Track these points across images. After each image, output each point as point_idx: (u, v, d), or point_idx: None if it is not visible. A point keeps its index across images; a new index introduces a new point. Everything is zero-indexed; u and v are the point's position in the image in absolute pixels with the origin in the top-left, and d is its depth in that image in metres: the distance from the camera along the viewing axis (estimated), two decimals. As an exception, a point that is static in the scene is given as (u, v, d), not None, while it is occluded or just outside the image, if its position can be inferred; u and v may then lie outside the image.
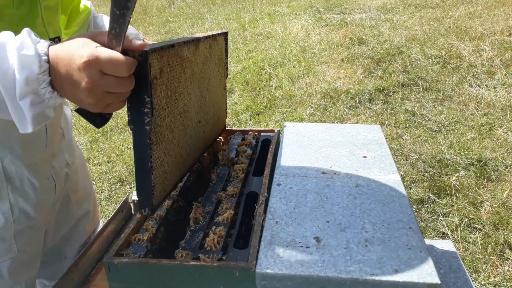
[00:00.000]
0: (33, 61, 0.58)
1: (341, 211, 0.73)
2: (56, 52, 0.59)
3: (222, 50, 1.05)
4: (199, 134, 0.90)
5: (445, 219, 2.18)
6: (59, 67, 0.59)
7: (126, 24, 0.57)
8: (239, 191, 0.90)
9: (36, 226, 0.88)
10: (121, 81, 0.59)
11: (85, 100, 0.60)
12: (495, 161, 2.62)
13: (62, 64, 0.59)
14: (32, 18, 0.79)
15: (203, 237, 0.76)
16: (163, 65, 0.67)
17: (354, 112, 3.44)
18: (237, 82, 4.25)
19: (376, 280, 0.58)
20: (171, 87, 0.71)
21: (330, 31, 5.61)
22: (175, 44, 0.72)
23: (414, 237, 0.66)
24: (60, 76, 0.59)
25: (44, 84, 0.59)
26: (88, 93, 0.58)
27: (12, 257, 0.83)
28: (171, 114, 0.72)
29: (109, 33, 0.59)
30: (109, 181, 2.82)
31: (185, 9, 8.36)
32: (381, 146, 0.98)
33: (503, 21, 5.19)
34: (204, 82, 0.91)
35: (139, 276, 0.68)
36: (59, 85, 0.60)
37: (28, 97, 0.58)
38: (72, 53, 0.58)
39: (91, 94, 0.58)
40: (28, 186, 0.85)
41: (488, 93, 3.52)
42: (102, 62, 0.57)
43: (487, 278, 1.83)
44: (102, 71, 0.57)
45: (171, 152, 0.74)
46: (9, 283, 0.83)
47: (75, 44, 0.59)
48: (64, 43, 0.60)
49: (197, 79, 0.85)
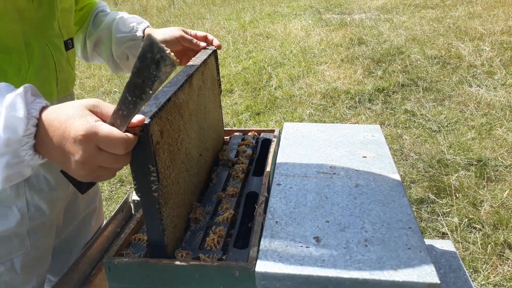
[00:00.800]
0: (20, 124, 0.55)
1: (341, 211, 0.73)
2: (50, 118, 0.57)
3: (214, 70, 1.04)
4: (201, 166, 0.90)
5: (445, 219, 2.18)
6: (51, 134, 0.56)
7: (135, 111, 0.56)
8: (239, 191, 0.90)
9: (48, 222, 0.89)
10: (117, 158, 0.56)
11: (76, 171, 0.57)
12: (495, 161, 2.62)
13: (56, 133, 0.56)
14: (50, 20, 0.80)
15: (203, 237, 0.76)
16: (163, 126, 0.66)
17: (354, 112, 3.44)
18: (237, 82, 4.25)
19: (375, 280, 0.58)
20: (172, 142, 0.71)
21: (330, 31, 5.61)
22: (171, 97, 0.71)
23: (414, 237, 0.66)
24: (50, 143, 0.57)
25: (26, 146, 0.56)
26: (81, 166, 0.56)
27: (24, 253, 0.84)
28: (175, 167, 0.72)
29: (116, 112, 0.56)
30: (109, 181, 2.82)
31: (185, 9, 8.36)
32: (381, 146, 0.98)
33: (503, 21, 5.20)
34: (201, 112, 0.90)
35: (139, 276, 0.69)
36: (46, 149, 0.58)
37: (5, 157, 0.55)
38: (69, 124, 0.55)
39: (84, 167, 0.56)
40: (44, 183, 0.86)
41: (488, 93, 3.52)
42: (100, 138, 0.54)
43: (486, 278, 1.83)
44: (99, 146, 0.55)
45: (179, 203, 0.75)
46: (22, 278, 0.84)
47: (71, 112, 0.56)
48: (59, 110, 0.57)
49: (195, 114, 0.85)
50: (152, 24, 6.34)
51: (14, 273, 0.82)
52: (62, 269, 0.96)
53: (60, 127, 0.56)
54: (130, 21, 1.05)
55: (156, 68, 0.51)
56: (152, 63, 0.51)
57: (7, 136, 0.54)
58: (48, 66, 0.81)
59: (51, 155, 0.58)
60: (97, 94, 4.40)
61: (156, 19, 7.61)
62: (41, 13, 0.78)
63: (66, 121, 0.55)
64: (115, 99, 4.21)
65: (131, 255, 0.72)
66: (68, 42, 0.87)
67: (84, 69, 5.21)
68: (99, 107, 0.58)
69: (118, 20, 1.05)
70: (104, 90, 4.48)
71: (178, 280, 0.68)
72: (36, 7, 0.76)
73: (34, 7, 0.76)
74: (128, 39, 1.04)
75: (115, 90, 4.42)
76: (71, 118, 0.55)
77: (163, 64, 0.51)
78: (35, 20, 0.76)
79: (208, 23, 6.85)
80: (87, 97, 4.33)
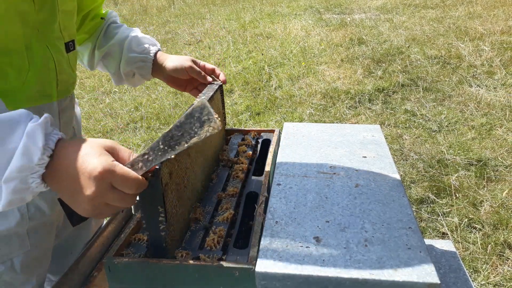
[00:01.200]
0: (36, 153, 0.57)
1: (341, 211, 0.73)
2: (67, 152, 0.59)
3: (219, 105, 1.08)
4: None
5: (445, 219, 2.18)
6: (65, 166, 0.59)
7: (162, 160, 0.58)
8: (239, 191, 0.90)
9: (48, 222, 0.90)
10: (125, 197, 0.59)
11: (81, 205, 0.59)
12: (495, 161, 2.62)
13: (71, 166, 0.58)
14: (51, 22, 0.80)
15: (203, 237, 0.76)
16: (171, 167, 0.69)
17: (354, 112, 3.44)
18: (237, 82, 4.25)
19: (375, 280, 0.58)
20: (180, 181, 0.74)
21: (330, 31, 5.61)
22: None
23: (414, 237, 0.66)
24: (61, 174, 0.59)
25: (36, 174, 0.58)
26: (88, 201, 0.58)
27: (24, 252, 0.84)
28: (182, 205, 0.75)
29: (141, 155, 0.59)
30: (109, 181, 2.82)
31: (185, 9, 8.36)
32: (381, 146, 0.98)
33: (503, 21, 5.20)
34: (205, 145, 0.94)
35: (139, 276, 0.69)
36: (54, 180, 0.60)
37: (14, 182, 0.57)
38: (86, 160, 0.58)
39: (91, 202, 0.58)
40: None
41: (488, 93, 3.52)
42: (116, 176, 0.57)
43: (486, 278, 1.83)
44: (112, 184, 0.58)
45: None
46: (22, 278, 0.84)
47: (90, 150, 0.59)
48: (77, 145, 0.60)
49: (200, 150, 0.88)
50: (152, 24, 6.29)
51: (14, 272, 0.83)
52: (62, 269, 0.96)
53: (77, 161, 0.58)
54: (143, 41, 1.07)
55: (199, 127, 0.56)
56: (197, 121, 0.56)
57: (22, 163, 0.56)
58: (49, 68, 0.81)
59: (59, 185, 0.60)
60: (97, 94, 4.40)
61: (156, 19, 7.61)
62: (42, 16, 0.77)
63: (84, 157, 0.58)
64: (115, 99, 4.21)
65: (131, 255, 0.72)
66: (69, 44, 0.87)
67: (84, 69, 5.20)
68: (116, 150, 0.62)
69: (131, 39, 1.07)
70: (104, 90, 4.48)
71: (178, 280, 0.68)
72: (38, 10, 0.76)
73: (36, 9, 0.75)
74: (139, 59, 1.06)
75: (115, 90, 4.42)
76: (90, 154, 0.58)
77: (207, 125, 0.55)
78: (36, 22, 0.76)
79: (208, 23, 6.85)
80: (86, 97, 4.33)
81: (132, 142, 3.31)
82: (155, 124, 3.59)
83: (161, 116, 3.71)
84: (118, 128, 3.59)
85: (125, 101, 4.10)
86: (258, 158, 1.07)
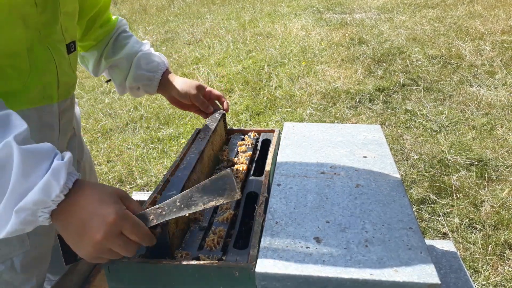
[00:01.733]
0: (55, 190, 0.59)
1: (341, 211, 0.73)
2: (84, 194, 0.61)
3: (222, 132, 1.13)
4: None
5: (446, 219, 2.17)
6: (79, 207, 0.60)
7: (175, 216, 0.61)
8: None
9: None
10: (130, 246, 0.61)
11: (85, 247, 0.61)
12: (496, 161, 2.61)
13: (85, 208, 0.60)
14: (53, 24, 0.80)
15: (203, 237, 0.76)
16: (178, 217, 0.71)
17: (355, 112, 3.44)
18: (237, 82, 4.25)
19: (376, 280, 0.58)
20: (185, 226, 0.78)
21: (330, 31, 5.60)
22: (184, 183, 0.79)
23: (415, 237, 0.66)
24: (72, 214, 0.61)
25: (47, 210, 0.60)
26: (94, 245, 0.60)
27: (24, 252, 0.83)
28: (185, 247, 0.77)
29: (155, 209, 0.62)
30: (109, 181, 2.82)
31: (185, 8, 8.36)
32: (381, 146, 0.98)
33: (503, 21, 5.19)
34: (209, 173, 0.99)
35: (138, 277, 0.68)
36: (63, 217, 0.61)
37: (25, 213, 0.58)
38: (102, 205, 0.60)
39: (96, 246, 0.60)
40: None
41: (489, 93, 3.51)
42: (128, 224, 0.60)
43: (487, 278, 1.83)
44: (122, 231, 0.60)
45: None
46: (22, 277, 0.84)
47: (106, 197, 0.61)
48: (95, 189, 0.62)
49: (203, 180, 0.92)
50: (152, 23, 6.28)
51: (14, 272, 0.82)
52: (62, 269, 0.96)
53: (92, 205, 0.60)
54: (152, 59, 1.09)
55: (219, 195, 0.60)
56: (220, 189, 0.59)
57: (40, 198, 0.58)
58: (50, 70, 0.81)
59: (65, 223, 0.62)
60: (97, 94, 4.40)
61: (156, 19, 7.61)
62: (44, 18, 0.77)
63: (99, 202, 0.60)
64: (114, 98, 4.21)
65: (130, 255, 0.72)
66: (70, 46, 0.87)
67: (83, 69, 5.20)
68: (128, 200, 0.65)
69: (141, 55, 1.08)
70: (103, 90, 4.48)
71: (178, 280, 0.67)
72: (40, 12, 0.76)
73: (38, 12, 0.75)
74: (146, 78, 1.08)
75: (114, 90, 4.41)
76: (105, 201, 0.61)
77: (227, 193, 0.59)
78: (38, 24, 0.76)
79: (208, 22, 6.85)
80: (86, 96, 4.33)
81: (131, 142, 3.31)
82: (155, 124, 3.59)
83: (161, 116, 3.71)
84: (118, 128, 3.59)
85: (124, 101, 4.10)
86: (258, 158, 1.07)
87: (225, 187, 0.59)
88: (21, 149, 0.57)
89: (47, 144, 0.62)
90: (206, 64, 4.87)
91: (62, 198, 0.60)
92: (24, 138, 0.60)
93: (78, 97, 4.34)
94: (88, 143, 3.35)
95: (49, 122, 0.84)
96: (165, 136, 3.36)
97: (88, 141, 3.39)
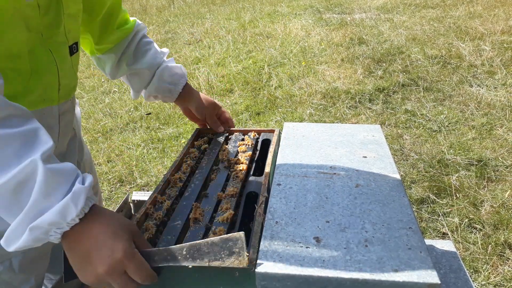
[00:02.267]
0: (72, 213, 0.59)
1: (341, 211, 0.73)
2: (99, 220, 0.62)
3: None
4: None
5: (445, 219, 2.18)
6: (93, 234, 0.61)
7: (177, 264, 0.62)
8: (239, 191, 0.90)
9: None
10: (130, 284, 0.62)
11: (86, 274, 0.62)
12: (495, 161, 2.61)
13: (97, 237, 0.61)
14: (55, 26, 0.79)
15: (203, 237, 0.76)
16: None
17: (354, 112, 3.44)
18: (237, 82, 4.25)
19: (376, 280, 0.58)
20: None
21: (330, 31, 5.60)
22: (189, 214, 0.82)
23: (414, 237, 0.66)
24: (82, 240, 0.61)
25: (60, 230, 0.60)
26: (96, 276, 0.61)
27: (23, 252, 0.84)
28: None
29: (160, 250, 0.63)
30: (109, 181, 2.82)
31: (185, 9, 8.36)
32: (381, 146, 0.98)
33: (503, 21, 5.19)
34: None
35: (138, 276, 0.68)
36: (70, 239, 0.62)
37: (39, 231, 0.58)
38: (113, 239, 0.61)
39: (98, 277, 0.61)
40: None
41: (489, 93, 3.52)
42: (132, 263, 0.60)
43: (487, 278, 1.83)
44: (126, 270, 0.60)
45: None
46: (20, 278, 0.85)
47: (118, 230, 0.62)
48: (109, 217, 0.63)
49: None
50: (152, 23, 6.28)
51: (13, 272, 0.83)
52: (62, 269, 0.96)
53: (105, 235, 0.61)
54: (175, 71, 1.13)
55: (227, 255, 0.59)
56: (228, 250, 0.59)
57: (56, 219, 0.58)
58: (51, 72, 0.81)
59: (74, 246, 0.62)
60: (97, 94, 4.39)
61: (156, 19, 7.61)
62: (47, 20, 0.76)
63: (113, 234, 0.61)
64: (115, 98, 4.21)
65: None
66: (72, 47, 0.86)
67: (83, 69, 5.21)
68: (137, 237, 0.66)
69: (164, 68, 1.11)
70: (103, 90, 4.48)
71: (178, 280, 0.67)
72: (42, 14, 0.75)
73: (40, 14, 0.75)
74: (167, 90, 1.13)
75: (115, 90, 4.41)
76: (118, 235, 0.61)
77: (235, 257, 0.59)
78: (40, 27, 0.75)
79: (208, 22, 6.85)
80: (86, 96, 4.32)
81: (131, 142, 3.31)
82: (155, 124, 3.59)
83: (161, 116, 3.71)
84: (118, 128, 3.59)
85: (124, 101, 4.10)
86: (258, 158, 1.07)
87: (233, 250, 0.59)
88: (46, 168, 0.58)
89: (70, 165, 0.63)
90: (206, 64, 4.86)
91: (76, 222, 0.61)
92: (49, 155, 0.61)
93: (78, 97, 4.34)
94: (88, 143, 3.35)
95: (49, 124, 0.84)
96: (165, 136, 3.36)
97: (88, 141, 3.39)
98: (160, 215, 0.83)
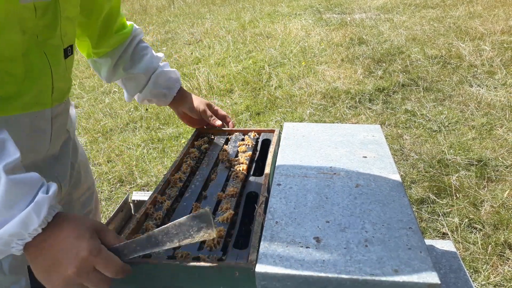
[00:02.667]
0: (34, 224, 0.58)
1: (341, 211, 0.73)
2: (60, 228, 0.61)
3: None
4: None
5: (445, 219, 2.18)
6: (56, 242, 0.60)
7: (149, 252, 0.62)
8: (239, 191, 0.90)
9: None
10: (103, 280, 0.61)
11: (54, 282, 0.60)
12: (495, 161, 2.61)
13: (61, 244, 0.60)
14: (51, 29, 0.79)
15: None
16: None
17: (354, 112, 3.44)
18: (237, 82, 4.25)
19: (376, 280, 0.58)
20: None
21: (330, 31, 5.60)
22: None
23: (414, 237, 0.66)
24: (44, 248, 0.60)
25: (21, 242, 0.59)
26: (64, 280, 0.60)
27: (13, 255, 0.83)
28: None
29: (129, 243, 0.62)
30: (109, 181, 2.82)
31: (185, 9, 8.36)
32: (381, 146, 0.98)
33: (503, 21, 5.19)
34: None
35: (138, 276, 0.68)
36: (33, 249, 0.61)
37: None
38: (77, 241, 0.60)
39: (67, 281, 0.60)
40: None
41: (488, 93, 3.52)
42: (101, 259, 0.60)
43: (487, 278, 1.83)
44: (95, 267, 0.60)
45: None
46: (10, 279, 0.84)
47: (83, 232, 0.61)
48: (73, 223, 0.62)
49: None
50: (152, 23, 6.27)
51: (3, 274, 0.82)
52: None
53: (68, 240, 0.60)
54: (169, 76, 1.15)
55: (196, 231, 0.60)
56: (196, 226, 0.60)
57: (17, 230, 0.57)
58: (45, 75, 0.79)
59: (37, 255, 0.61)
60: (97, 94, 4.40)
61: (156, 19, 7.61)
62: (43, 23, 0.76)
63: (76, 237, 0.60)
64: (115, 98, 4.21)
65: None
66: (67, 50, 0.85)
67: (83, 69, 5.21)
68: (104, 233, 0.64)
69: (160, 73, 1.14)
70: (103, 90, 4.48)
71: (178, 280, 0.67)
72: (39, 17, 0.74)
73: (37, 16, 0.74)
74: (162, 94, 1.16)
75: (115, 90, 4.41)
76: (82, 236, 0.60)
77: (204, 231, 0.60)
78: (35, 29, 0.75)
79: (208, 22, 6.85)
80: (86, 96, 4.33)
81: (131, 142, 3.31)
82: (155, 124, 3.59)
83: (161, 116, 3.71)
84: (118, 128, 3.59)
85: (124, 101, 4.10)
86: (258, 158, 1.07)
87: (201, 226, 0.59)
88: (8, 179, 0.57)
89: (35, 175, 0.61)
90: (206, 64, 4.87)
91: (39, 232, 0.60)
92: (14, 167, 0.59)
93: (78, 97, 4.34)
94: (89, 143, 3.35)
95: (41, 127, 0.83)
96: (165, 136, 3.36)
97: (88, 141, 3.39)
98: (160, 215, 0.83)
